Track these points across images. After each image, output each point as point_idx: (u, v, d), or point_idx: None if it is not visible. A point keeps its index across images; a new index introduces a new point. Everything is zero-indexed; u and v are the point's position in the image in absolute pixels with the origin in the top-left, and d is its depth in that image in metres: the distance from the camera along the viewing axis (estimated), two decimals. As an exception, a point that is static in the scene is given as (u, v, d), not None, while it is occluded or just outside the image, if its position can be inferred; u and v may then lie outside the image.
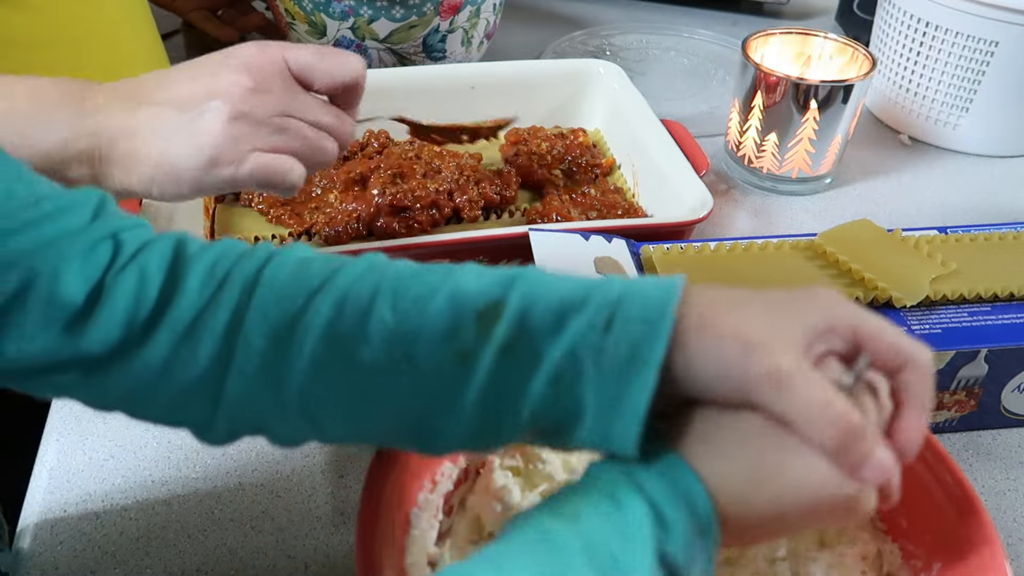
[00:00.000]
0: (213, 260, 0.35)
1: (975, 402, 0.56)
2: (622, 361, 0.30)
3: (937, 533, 0.39)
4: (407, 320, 0.33)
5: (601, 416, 0.31)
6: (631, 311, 0.31)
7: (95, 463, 0.54)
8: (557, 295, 0.32)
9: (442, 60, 0.85)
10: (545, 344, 0.31)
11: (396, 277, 0.34)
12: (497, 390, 0.32)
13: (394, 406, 0.33)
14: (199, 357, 0.33)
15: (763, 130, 0.77)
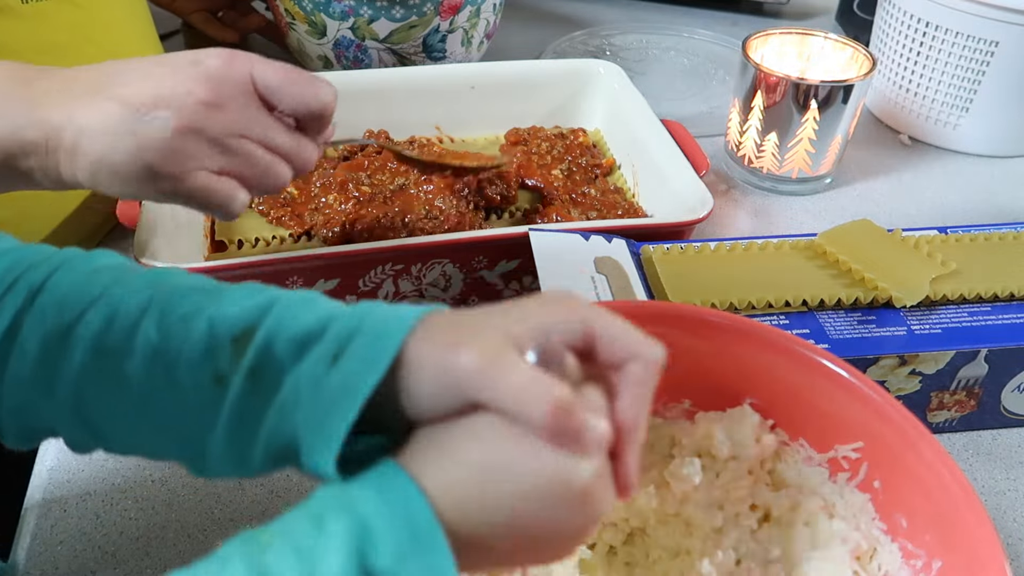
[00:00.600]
0: (6, 266, 0.36)
1: (975, 402, 0.56)
2: (334, 393, 0.31)
3: (937, 533, 0.39)
4: (170, 339, 0.33)
5: (307, 444, 0.31)
6: (357, 348, 0.31)
7: (95, 463, 0.54)
8: (303, 325, 0.33)
9: (442, 60, 0.85)
10: (284, 373, 0.32)
11: (169, 294, 0.35)
12: (244, 414, 0.33)
13: (161, 422, 0.34)
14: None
15: (763, 130, 0.77)
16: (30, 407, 0.35)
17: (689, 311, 0.47)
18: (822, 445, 0.44)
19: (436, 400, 0.31)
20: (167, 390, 0.33)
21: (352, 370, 0.31)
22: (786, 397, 0.45)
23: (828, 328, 0.53)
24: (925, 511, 0.40)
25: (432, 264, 0.59)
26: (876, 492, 0.43)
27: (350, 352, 0.31)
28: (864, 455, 0.43)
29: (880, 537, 0.42)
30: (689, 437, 0.46)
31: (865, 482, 0.43)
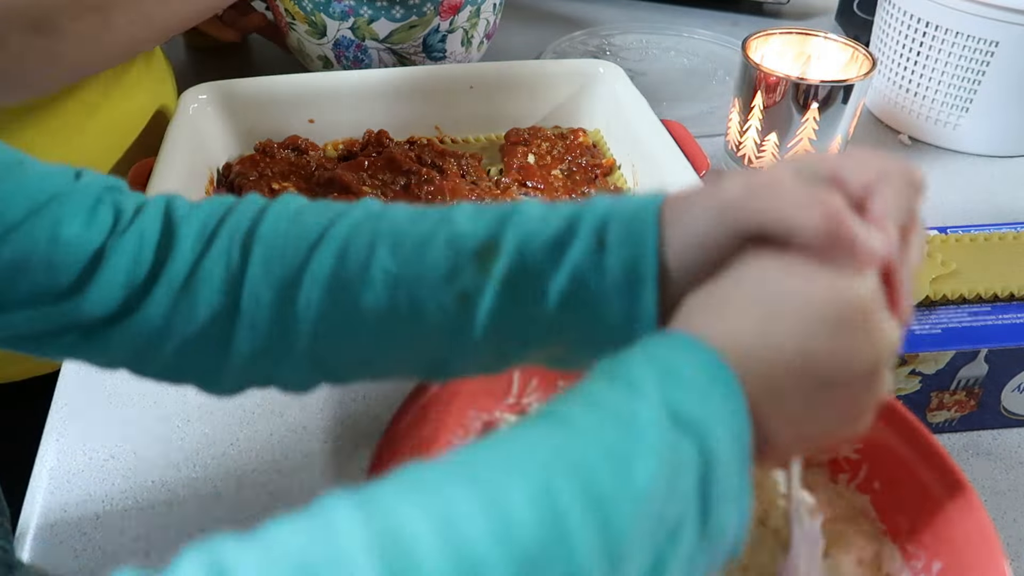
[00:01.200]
0: (203, 218, 0.35)
1: (975, 402, 0.56)
2: (621, 280, 0.31)
3: (937, 534, 0.39)
4: (408, 266, 0.33)
5: (613, 311, 0.32)
6: (617, 230, 0.32)
7: (95, 463, 0.54)
8: (550, 229, 0.32)
9: (442, 60, 0.85)
10: (546, 276, 0.32)
11: (393, 223, 0.34)
12: (502, 323, 0.33)
13: (402, 347, 0.34)
14: (198, 312, 0.34)
15: (763, 130, 0.77)
16: (263, 352, 0.35)
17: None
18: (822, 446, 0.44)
19: (705, 242, 0.31)
20: (408, 317, 0.33)
21: (623, 257, 0.31)
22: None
23: (828, 328, 0.53)
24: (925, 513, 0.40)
25: (432, 264, 0.59)
26: (876, 493, 0.43)
27: (612, 240, 0.31)
28: (864, 456, 0.43)
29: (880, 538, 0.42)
30: None
31: (865, 483, 0.43)
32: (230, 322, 0.34)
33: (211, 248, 0.35)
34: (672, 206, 0.32)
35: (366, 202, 0.36)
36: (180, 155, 0.67)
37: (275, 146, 0.76)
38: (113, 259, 0.34)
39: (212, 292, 0.34)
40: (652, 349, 0.28)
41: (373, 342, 0.34)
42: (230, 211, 0.36)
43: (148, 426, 0.56)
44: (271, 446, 0.55)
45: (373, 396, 0.59)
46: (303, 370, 0.36)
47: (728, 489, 0.27)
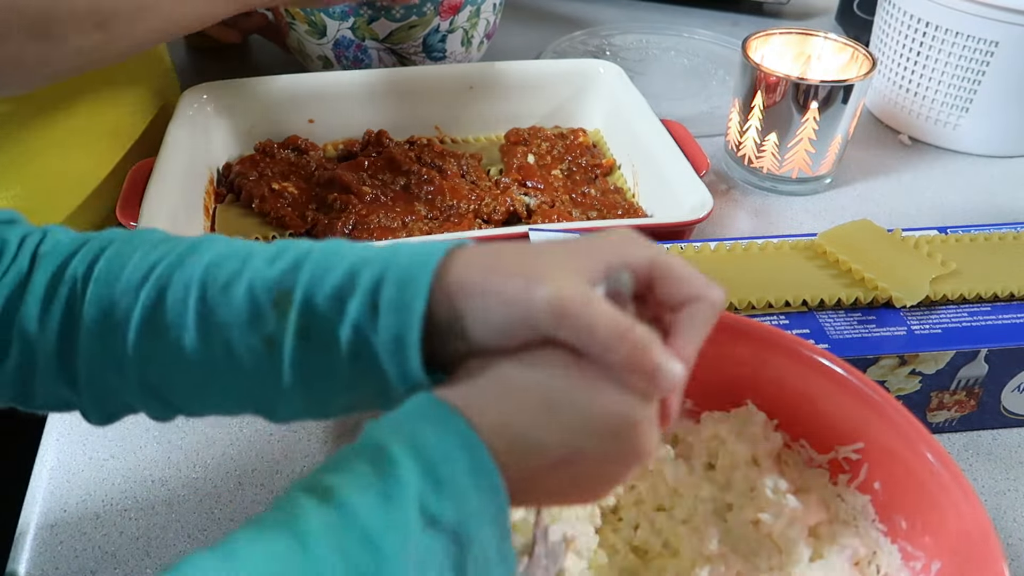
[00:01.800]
0: (59, 258, 0.37)
1: (975, 402, 0.56)
2: (391, 345, 0.32)
3: (936, 535, 0.39)
4: (216, 310, 0.34)
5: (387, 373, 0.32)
6: (388, 299, 0.32)
7: (95, 463, 0.54)
8: (334, 280, 0.33)
9: (442, 60, 0.85)
10: (333, 327, 0.33)
11: (206, 264, 0.35)
12: (309, 371, 0.33)
13: (226, 387, 0.35)
14: (47, 350, 0.36)
15: (763, 130, 0.77)
16: (106, 386, 0.36)
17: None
18: (823, 446, 0.44)
19: (504, 331, 0.31)
20: (224, 358, 0.34)
21: (391, 324, 0.32)
22: (787, 398, 0.45)
23: (828, 328, 0.53)
24: (925, 513, 0.40)
25: (432, 264, 0.59)
26: (876, 493, 0.43)
27: (384, 303, 0.32)
28: (865, 456, 0.43)
29: (880, 539, 0.42)
30: (695, 436, 0.46)
31: (865, 483, 0.43)
32: (74, 363, 0.36)
33: (56, 293, 0.36)
34: (470, 285, 0.32)
35: (199, 239, 0.37)
36: (180, 155, 0.67)
37: (275, 146, 0.76)
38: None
39: (54, 335, 0.35)
40: (420, 436, 0.29)
41: (199, 382, 0.35)
42: (79, 248, 0.37)
43: (148, 426, 0.56)
44: (271, 446, 0.55)
45: (373, 396, 0.59)
46: (151, 404, 0.37)
47: (487, 560, 0.29)
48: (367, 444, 0.30)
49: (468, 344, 0.32)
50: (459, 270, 0.32)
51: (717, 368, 0.46)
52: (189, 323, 0.34)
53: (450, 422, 0.30)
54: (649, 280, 0.33)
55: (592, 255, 0.32)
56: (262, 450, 0.55)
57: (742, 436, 0.45)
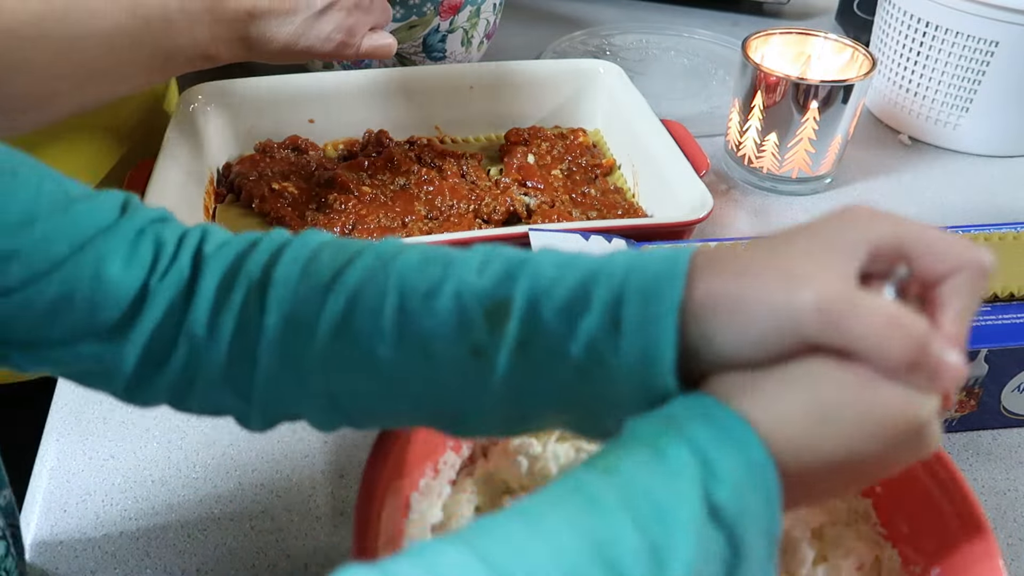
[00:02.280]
0: (226, 261, 0.35)
1: (975, 402, 0.56)
2: (637, 365, 0.30)
3: (937, 539, 0.39)
4: (416, 319, 0.32)
5: (636, 386, 0.30)
6: (632, 317, 0.30)
7: (95, 463, 0.54)
8: (562, 291, 0.31)
9: (442, 60, 0.85)
10: (561, 343, 0.31)
11: (401, 271, 0.33)
12: (521, 385, 0.32)
13: (418, 397, 0.34)
14: (217, 361, 0.34)
15: (763, 130, 0.77)
16: (282, 395, 0.35)
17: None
18: None
19: (762, 342, 0.29)
20: (422, 367, 0.33)
21: (638, 343, 0.29)
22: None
23: (828, 328, 0.53)
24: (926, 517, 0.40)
25: (432, 264, 0.59)
26: (878, 497, 0.43)
27: (628, 320, 0.30)
28: None
29: (881, 542, 0.42)
30: None
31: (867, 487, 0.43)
32: (249, 371, 0.34)
33: (229, 299, 0.34)
34: (723, 295, 0.29)
35: (381, 244, 0.35)
36: (180, 155, 0.67)
37: (275, 146, 0.76)
38: (153, 306, 0.34)
39: (226, 343, 0.34)
40: (693, 428, 0.28)
41: (387, 391, 0.34)
42: (249, 252, 0.35)
43: (148, 426, 0.56)
44: (271, 446, 0.55)
45: (373, 396, 0.59)
46: (323, 412, 0.36)
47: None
48: (635, 438, 0.28)
49: (717, 356, 0.30)
50: (708, 278, 0.30)
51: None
52: (386, 331, 0.32)
53: (722, 417, 0.28)
54: (903, 255, 0.30)
55: (846, 241, 0.30)
56: (262, 450, 0.55)
57: None
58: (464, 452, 0.45)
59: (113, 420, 0.57)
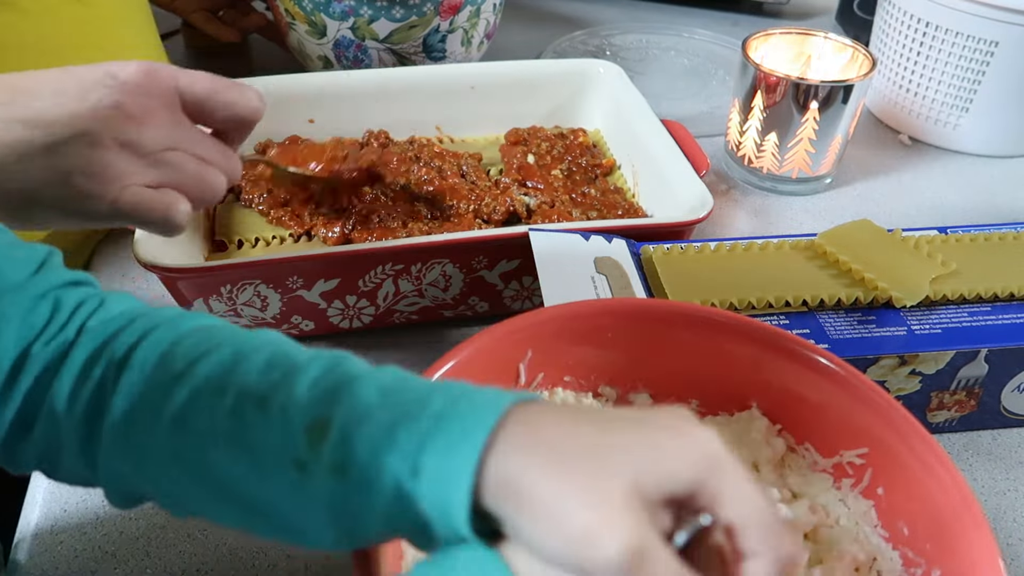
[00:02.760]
0: (103, 336, 0.35)
1: (975, 402, 0.56)
2: (437, 509, 0.29)
3: (937, 542, 0.39)
4: (249, 426, 0.32)
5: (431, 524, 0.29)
6: (432, 463, 0.29)
7: (95, 463, 0.54)
8: (375, 428, 0.30)
9: (442, 60, 0.85)
10: (371, 472, 0.30)
11: (246, 373, 0.33)
12: (342, 502, 0.31)
13: (251, 504, 0.33)
14: (73, 431, 0.34)
15: (763, 130, 0.77)
16: (121, 475, 0.35)
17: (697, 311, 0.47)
18: (828, 450, 0.44)
19: (552, 560, 0.27)
20: (250, 474, 0.32)
21: (435, 494, 0.28)
22: (793, 401, 0.45)
23: (828, 328, 0.53)
24: (927, 519, 0.40)
25: (432, 264, 0.59)
26: (879, 499, 0.42)
27: (427, 473, 0.29)
28: (869, 461, 0.43)
29: (881, 545, 0.42)
30: None
31: (869, 488, 0.43)
32: (96, 449, 0.34)
33: (90, 375, 0.34)
34: (516, 490, 0.28)
35: (247, 338, 0.35)
36: (180, 155, 0.67)
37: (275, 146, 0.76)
38: (28, 372, 0.34)
39: (79, 419, 0.34)
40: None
41: (220, 494, 0.33)
42: (124, 328, 0.36)
43: (148, 426, 0.56)
44: (271, 446, 0.55)
45: (373, 396, 0.59)
46: (167, 500, 0.35)
47: None
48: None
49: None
50: (508, 459, 0.28)
51: (723, 369, 0.46)
52: (219, 433, 0.32)
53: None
54: (712, 506, 0.28)
55: (654, 466, 0.28)
56: (262, 450, 0.55)
57: (743, 442, 0.45)
58: None
59: (113, 420, 0.56)
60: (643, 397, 0.48)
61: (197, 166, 0.44)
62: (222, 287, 0.57)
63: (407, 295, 0.61)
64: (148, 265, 0.54)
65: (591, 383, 0.48)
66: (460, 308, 0.64)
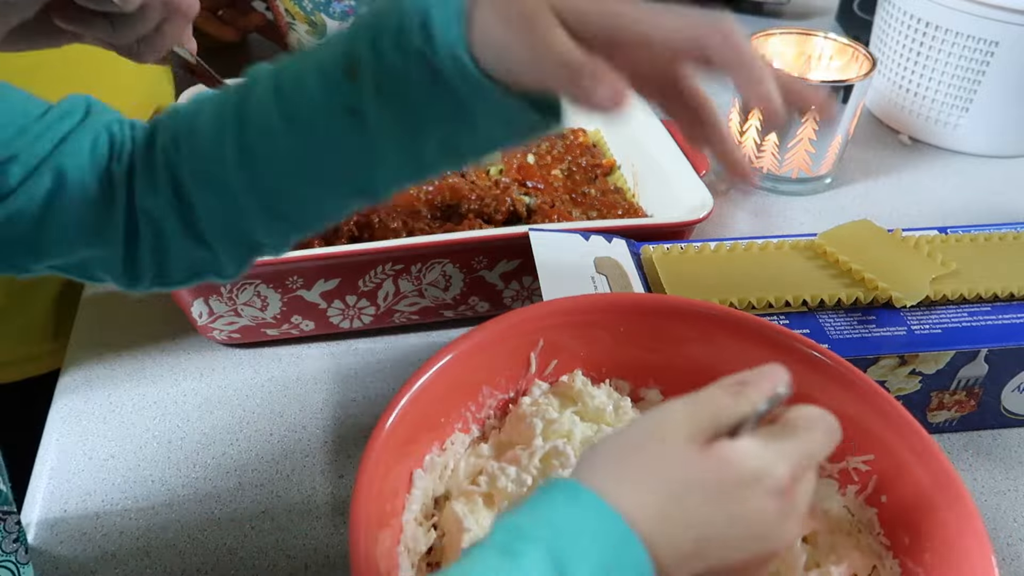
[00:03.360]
0: (145, 143, 0.41)
1: (975, 402, 0.56)
2: (447, 56, 0.33)
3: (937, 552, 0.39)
4: (296, 101, 0.36)
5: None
6: (438, 14, 0.33)
7: (95, 463, 0.54)
8: (390, 30, 0.34)
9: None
10: (403, 67, 0.33)
11: (274, 72, 0.37)
12: (393, 120, 0.34)
13: (329, 172, 0.37)
14: (170, 222, 0.40)
15: (763, 130, 0.77)
16: (225, 222, 0.39)
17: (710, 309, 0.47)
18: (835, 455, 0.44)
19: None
20: (320, 144, 0.36)
21: (443, 31, 0.32)
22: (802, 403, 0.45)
23: (828, 328, 0.53)
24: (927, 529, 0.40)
25: (432, 264, 0.59)
26: (883, 507, 0.42)
27: (435, 25, 0.32)
28: (874, 468, 0.43)
29: (882, 553, 0.42)
30: None
31: (873, 496, 0.43)
32: (192, 218, 0.39)
33: (155, 167, 0.40)
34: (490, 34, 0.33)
35: (252, 70, 0.39)
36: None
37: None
38: (118, 190, 0.40)
39: (167, 203, 0.39)
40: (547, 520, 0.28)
41: (304, 178, 0.37)
42: (155, 130, 0.41)
43: (148, 426, 0.56)
44: (271, 446, 0.55)
45: (373, 397, 0.59)
46: (274, 228, 0.40)
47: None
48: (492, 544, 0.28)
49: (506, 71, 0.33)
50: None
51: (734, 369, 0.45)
52: (275, 124, 0.36)
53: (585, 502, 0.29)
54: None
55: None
56: (262, 450, 0.55)
57: None
58: (473, 432, 0.45)
59: (113, 420, 0.57)
60: (654, 392, 0.48)
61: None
62: (222, 287, 0.57)
63: (407, 295, 0.61)
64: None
65: (602, 375, 0.48)
66: (460, 308, 0.64)
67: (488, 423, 0.46)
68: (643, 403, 0.48)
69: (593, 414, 0.46)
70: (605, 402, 0.46)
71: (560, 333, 0.46)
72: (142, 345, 0.62)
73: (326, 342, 0.63)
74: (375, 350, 0.63)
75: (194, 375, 0.60)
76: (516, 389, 0.47)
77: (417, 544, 0.40)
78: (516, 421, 0.45)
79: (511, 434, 0.45)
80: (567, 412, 0.45)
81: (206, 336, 0.62)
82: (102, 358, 0.61)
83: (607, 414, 0.46)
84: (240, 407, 0.58)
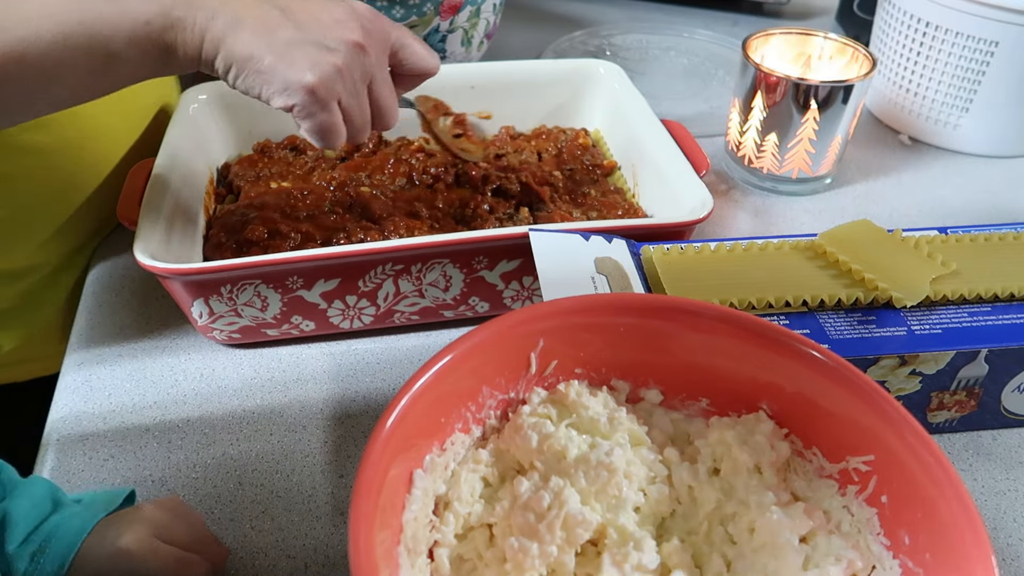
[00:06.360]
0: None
1: (975, 402, 0.56)
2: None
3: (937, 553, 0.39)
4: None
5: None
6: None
7: (95, 463, 0.54)
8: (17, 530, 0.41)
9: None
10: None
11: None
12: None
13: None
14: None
15: (763, 130, 0.77)
16: None
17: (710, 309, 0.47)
18: (835, 455, 0.44)
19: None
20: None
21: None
22: (803, 405, 0.45)
23: (828, 328, 0.53)
24: (928, 529, 0.40)
25: (432, 264, 0.59)
26: (883, 507, 0.42)
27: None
28: (874, 468, 0.43)
29: (882, 553, 0.42)
30: (702, 439, 0.46)
31: (873, 496, 0.43)
32: None
33: None
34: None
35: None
36: (180, 155, 0.67)
37: (273, 146, 0.76)
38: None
39: None
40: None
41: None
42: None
43: (148, 426, 0.56)
44: (271, 446, 0.55)
45: (373, 397, 0.59)
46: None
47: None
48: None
49: None
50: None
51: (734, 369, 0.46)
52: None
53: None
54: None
55: None
56: (262, 450, 0.55)
57: (747, 444, 0.45)
58: (474, 432, 0.45)
59: (113, 420, 0.57)
60: (654, 393, 0.48)
61: (367, 110, 0.53)
62: (222, 287, 0.57)
63: (407, 295, 0.61)
64: (148, 266, 0.54)
65: (602, 376, 0.48)
66: (460, 308, 0.64)
67: (488, 424, 0.46)
68: (643, 403, 0.48)
69: (587, 425, 0.46)
70: (600, 412, 0.46)
71: (560, 333, 0.46)
72: (142, 345, 0.62)
73: (326, 342, 0.63)
74: (375, 350, 0.63)
75: (194, 375, 0.60)
76: (516, 389, 0.47)
77: (417, 544, 0.40)
78: (514, 431, 0.45)
79: (509, 443, 0.45)
80: (562, 426, 0.45)
81: (206, 336, 0.62)
82: (102, 358, 0.61)
83: (600, 426, 0.46)
84: (240, 408, 0.58)
